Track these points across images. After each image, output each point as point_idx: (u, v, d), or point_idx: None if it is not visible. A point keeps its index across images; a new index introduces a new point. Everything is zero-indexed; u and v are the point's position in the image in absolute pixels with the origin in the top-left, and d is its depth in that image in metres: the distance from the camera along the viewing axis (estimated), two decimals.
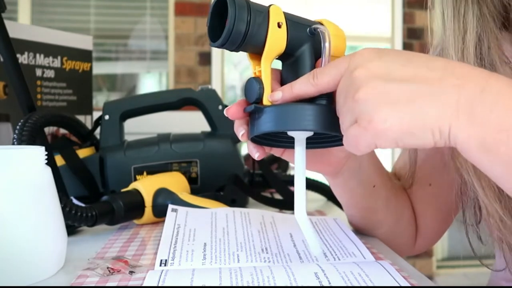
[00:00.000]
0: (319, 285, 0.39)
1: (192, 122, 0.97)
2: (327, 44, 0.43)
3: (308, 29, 0.44)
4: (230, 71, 2.94)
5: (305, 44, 0.44)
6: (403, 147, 0.43)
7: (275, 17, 0.42)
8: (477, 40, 0.51)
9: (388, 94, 0.35)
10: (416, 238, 0.66)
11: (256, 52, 0.43)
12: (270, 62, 0.43)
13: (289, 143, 0.46)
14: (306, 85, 0.41)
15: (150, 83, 3.04)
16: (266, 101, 0.42)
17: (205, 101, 0.80)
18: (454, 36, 0.52)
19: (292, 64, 0.45)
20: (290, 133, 0.44)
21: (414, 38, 2.94)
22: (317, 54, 0.44)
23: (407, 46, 2.93)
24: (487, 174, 0.37)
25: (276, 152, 0.49)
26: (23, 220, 0.42)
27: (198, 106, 0.81)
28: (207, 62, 2.79)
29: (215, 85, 2.76)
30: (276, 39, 0.42)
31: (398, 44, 2.93)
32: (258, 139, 0.45)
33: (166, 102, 0.81)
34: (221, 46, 0.41)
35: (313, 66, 0.44)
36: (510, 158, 0.34)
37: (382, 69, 0.36)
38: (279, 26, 0.42)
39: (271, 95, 0.42)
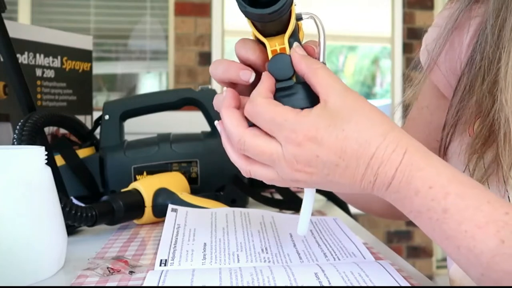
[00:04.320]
0: (319, 285, 0.39)
1: (192, 122, 0.97)
2: (321, 30, 0.44)
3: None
4: None
5: None
6: None
7: None
8: None
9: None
10: None
11: (274, 29, 0.42)
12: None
13: None
14: None
15: (150, 83, 3.03)
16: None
17: (205, 101, 0.80)
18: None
19: None
20: None
21: (414, 38, 2.93)
22: None
23: (407, 46, 2.93)
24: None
25: None
26: (23, 220, 0.42)
27: (198, 106, 0.81)
28: (207, 62, 2.78)
29: (215, 85, 2.76)
30: (293, 15, 0.42)
31: (398, 44, 2.93)
32: None
33: (166, 102, 0.81)
34: (274, 12, 0.38)
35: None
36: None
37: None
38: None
39: None
